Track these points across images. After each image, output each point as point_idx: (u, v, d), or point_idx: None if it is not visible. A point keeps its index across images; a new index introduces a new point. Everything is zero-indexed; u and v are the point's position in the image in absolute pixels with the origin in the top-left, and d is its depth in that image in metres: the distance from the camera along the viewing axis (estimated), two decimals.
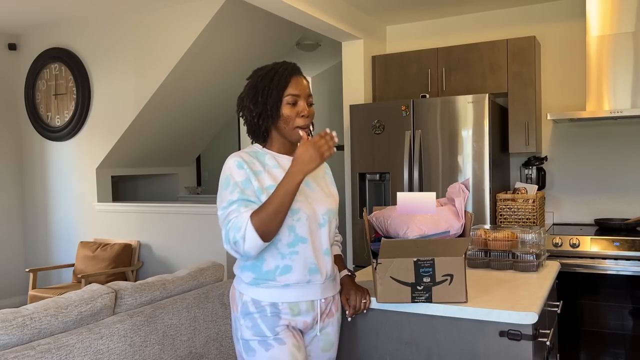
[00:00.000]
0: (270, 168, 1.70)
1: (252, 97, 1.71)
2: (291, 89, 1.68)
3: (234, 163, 1.66)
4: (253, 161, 1.69)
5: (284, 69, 1.71)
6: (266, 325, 1.67)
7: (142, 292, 2.44)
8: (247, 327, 1.69)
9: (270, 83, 1.68)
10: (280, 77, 1.69)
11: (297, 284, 1.68)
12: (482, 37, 4.19)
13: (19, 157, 5.50)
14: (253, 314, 1.68)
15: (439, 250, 1.70)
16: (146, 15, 4.59)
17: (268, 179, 1.67)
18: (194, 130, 5.42)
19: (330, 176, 1.93)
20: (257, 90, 1.70)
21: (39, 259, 5.43)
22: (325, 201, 1.77)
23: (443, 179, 3.55)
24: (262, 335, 1.67)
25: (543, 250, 2.27)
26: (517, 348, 1.65)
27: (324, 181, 1.86)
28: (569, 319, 3.32)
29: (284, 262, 1.67)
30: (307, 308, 1.72)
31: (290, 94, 1.68)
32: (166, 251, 4.71)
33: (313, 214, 1.70)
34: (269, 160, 1.72)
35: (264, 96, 1.68)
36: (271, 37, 4.86)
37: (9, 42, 5.34)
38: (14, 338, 1.92)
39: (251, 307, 1.69)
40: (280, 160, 1.74)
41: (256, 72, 1.75)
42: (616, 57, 3.34)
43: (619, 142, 3.80)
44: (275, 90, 1.67)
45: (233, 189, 1.63)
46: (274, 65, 1.73)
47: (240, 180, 1.64)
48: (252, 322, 1.68)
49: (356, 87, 4.15)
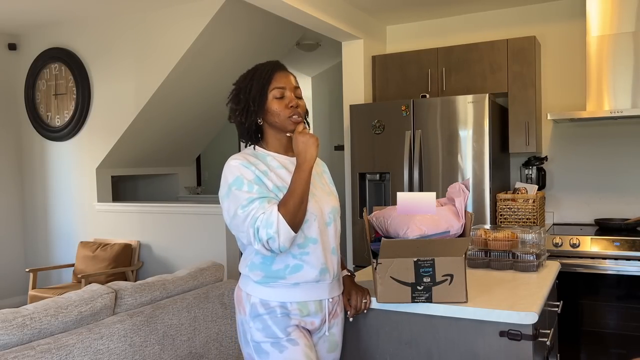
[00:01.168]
0: (274, 169, 1.69)
1: (234, 97, 1.73)
2: (275, 82, 1.68)
3: (239, 164, 1.64)
4: (257, 162, 1.67)
5: (265, 66, 1.71)
6: (277, 327, 1.65)
7: (142, 292, 2.44)
8: (257, 329, 1.66)
9: (251, 80, 1.69)
10: (262, 73, 1.69)
11: (307, 283, 1.67)
12: (482, 37, 4.19)
13: (19, 157, 5.50)
14: (262, 315, 1.66)
15: (439, 250, 1.70)
16: (146, 15, 4.59)
17: (276, 179, 1.67)
18: (194, 130, 5.42)
19: (328, 174, 1.92)
20: (239, 90, 1.71)
21: (39, 259, 5.43)
22: (328, 199, 1.76)
23: (443, 179, 3.55)
24: (275, 336, 1.65)
25: (543, 250, 2.27)
26: (517, 348, 1.65)
27: (323, 179, 1.85)
28: (569, 319, 3.31)
29: (294, 262, 1.66)
30: (316, 309, 1.71)
31: (276, 87, 1.68)
32: (166, 251, 4.71)
33: (320, 213, 1.70)
34: (272, 162, 1.71)
35: (245, 93, 1.69)
36: (271, 37, 4.86)
37: (9, 42, 5.34)
38: (14, 338, 1.92)
39: (260, 309, 1.67)
40: (281, 161, 1.73)
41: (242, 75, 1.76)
42: (616, 57, 3.34)
43: (619, 142, 3.80)
44: (256, 85, 1.68)
45: (250, 187, 1.60)
46: (255, 66, 1.74)
47: (252, 178, 1.62)
48: (263, 324, 1.66)
49: (356, 87, 4.15)
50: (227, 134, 6.60)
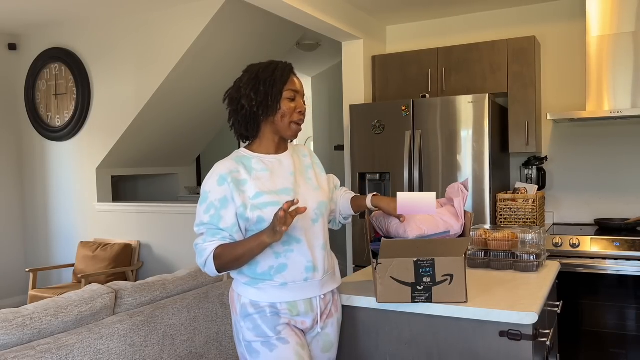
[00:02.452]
0: (257, 172, 1.69)
1: (253, 86, 1.69)
2: (291, 84, 1.71)
3: (215, 178, 1.66)
4: (238, 169, 1.68)
5: (284, 65, 1.73)
6: (267, 326, 1.66)
7: (142, 292, 2.44)
8: (248, 328, 1.68)
9: (272, 75, 1.69)
10: (282, 71, 1.71)
11: (294, 282, 1.67)
12: (482, 37, 4.19)
13: (19, 157, 5.50)
14: (252, 315, 1.68)
15: (439, 250, 1.70)
16: (146, 16, 4.59)
17: (253, 186, 1.66)
18: (194, 130, 5.42)
19: (319, 166, 1.90)
20: (258, 80, 1.69)
21: (39, 259, 5.43)
22: (314, 195, 1.75)
23: (443, 179, 3.55)
24: (265, 335, 1.66)
25: (543, 250, 2.27)
26: (517, 348, 1.65)
27: (312, 172, 1.83)
28: (569, 319, 3.31)
29: (278, 262, 1.67)
30: (306, 309, 1.71)
31: (291, 89, 1.70)
32: (166, 251, 4.71)
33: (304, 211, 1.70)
34: (256, 164, 1.71)
35: (266, 86, 1.68)
36: (271, 37, 4.86)
37: (9, 42, 5.34)
38: (14, 338, 1.92)
39: (250, 309, 1.68)
40: (268, 162, 1.73)
41: (253, 66, 1.75)
42: (616, 57, 3.34)
43: (619, 142, 3.80)
44: (278, 82, 1.69)
45: (208, 209, 1.65)
46: (273, 61, 1.74)
47: (217, 198, 1.64)
48: (253, 323, 1.67)
49: (356, 87, 4.15)
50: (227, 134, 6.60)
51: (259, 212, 1.63)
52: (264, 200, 1.64)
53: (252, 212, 1.64)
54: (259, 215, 1.64)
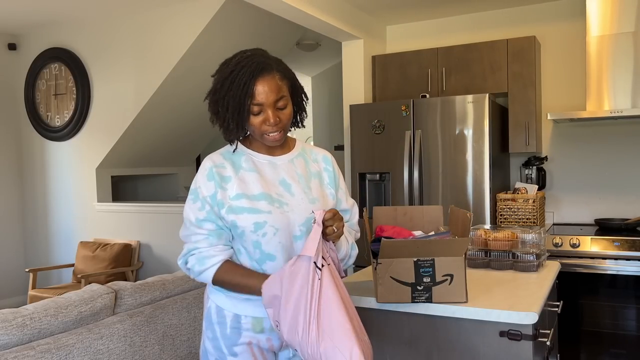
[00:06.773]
0: (244, 172, 1.54)
1: (212, 105, 1.51)
2: (254, 97, 1.46)
3: (204, 173, 1.53)
4: (224, 165, 1.54)
5: (245, 69, 1.46)
6: (224, 342, 1.55)
7: (142, 292, 2.44)
8: (207, 337, 1.59)
9: (228, 92, 1.47)
10: (240, 82, 1.45)
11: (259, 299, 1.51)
12: (482, 37, 4.19)
13: (19, 157, 5.50)
14: (214, 324, 1.57)
15: (439, 250, 1.70)
16: (146, 15, 4.59)
17: (236, 187, 1.51)
18: (194, 130, 5.42)
19: (329, 174, 1.67)
20: (217, 99, 1.50)
21: (39, 259, 5.43)
22: (306, 208, 1.54)
23: (443, 179, 3.55)
24: (220, 351, 1.56)
25: (543, 250, 2.27)
26: (517, 348, 1.65)
27: (314, 182, 1.62)
28: (569, 319, 3.31)
29: None
30: (271, 327, 1.55)
31: (254, 103, 1.46)
32: (166, 251, 4.71)
33: (285, 225, 1.51)
34: (245, 163, 1.56)
35: (223, 108, 1.48)
36: (271, 37, 4.86)
37: (9, 42, 5.34)
38: (14, 338, 1.92)
39: (214, 316, 1.58)
40: (258, 162, 1.58)
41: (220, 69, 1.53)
42: (616, 57, 3.34)
43: (619, 142, 3.80)
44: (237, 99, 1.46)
45: (202, 205, 1.51)
46: (236, 65, 1.48)
47: (208, 195, 1.51)
48: (213, 333, 1.58)
49: (356, 87, 4.15)
50: None
51: (234, 216, 1.49)
52: (242, 205, 1.49)
53: (227, 214, 1.50)
54: (233, 220, 1.49)
